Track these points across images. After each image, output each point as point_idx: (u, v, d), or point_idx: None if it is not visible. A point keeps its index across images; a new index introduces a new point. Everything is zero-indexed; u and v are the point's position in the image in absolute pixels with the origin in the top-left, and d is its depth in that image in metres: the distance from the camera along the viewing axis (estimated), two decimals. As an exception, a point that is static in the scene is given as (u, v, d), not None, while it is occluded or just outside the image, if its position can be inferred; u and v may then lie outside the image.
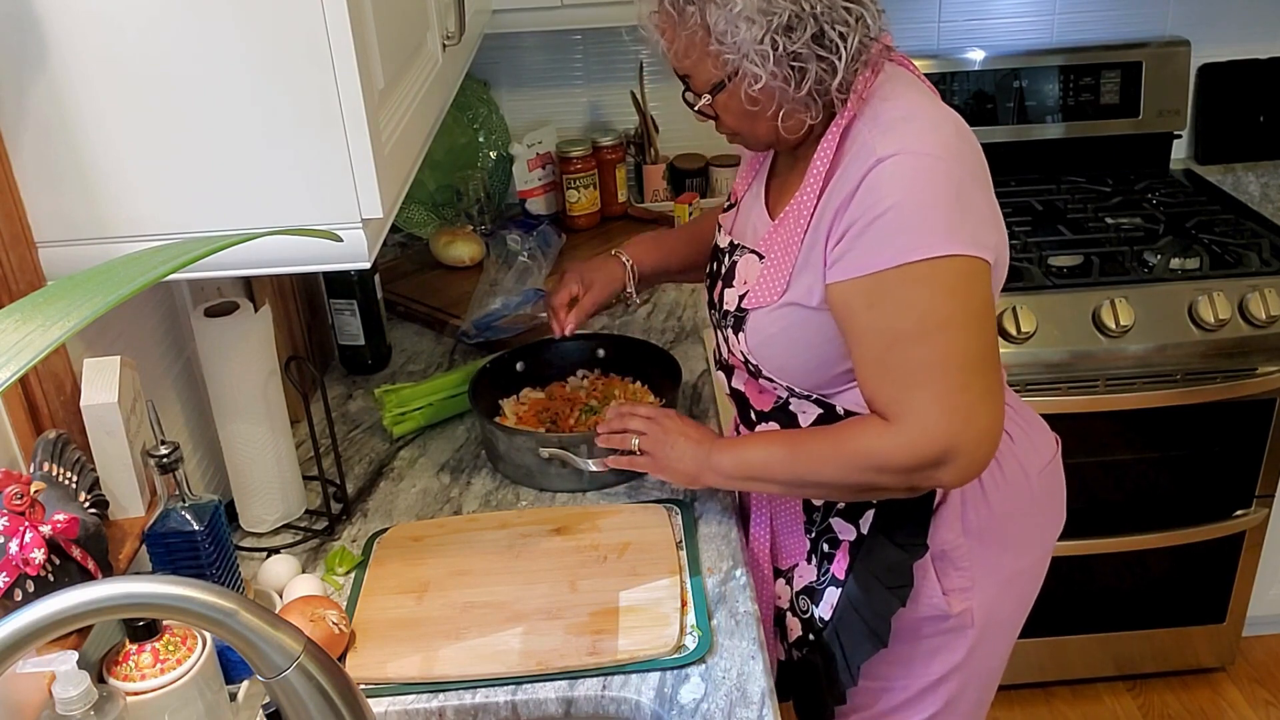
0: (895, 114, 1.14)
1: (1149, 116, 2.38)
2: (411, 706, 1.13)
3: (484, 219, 2.26)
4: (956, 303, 1.10)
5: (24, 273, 1.00)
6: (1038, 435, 1.36)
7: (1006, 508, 1.30)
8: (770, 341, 1.24)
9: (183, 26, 0.92)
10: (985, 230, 1.11)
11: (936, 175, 1.09)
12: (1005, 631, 1.39)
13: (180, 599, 0.71)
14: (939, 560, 1.29)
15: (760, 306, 1.23)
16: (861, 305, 1.12)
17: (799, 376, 1.25)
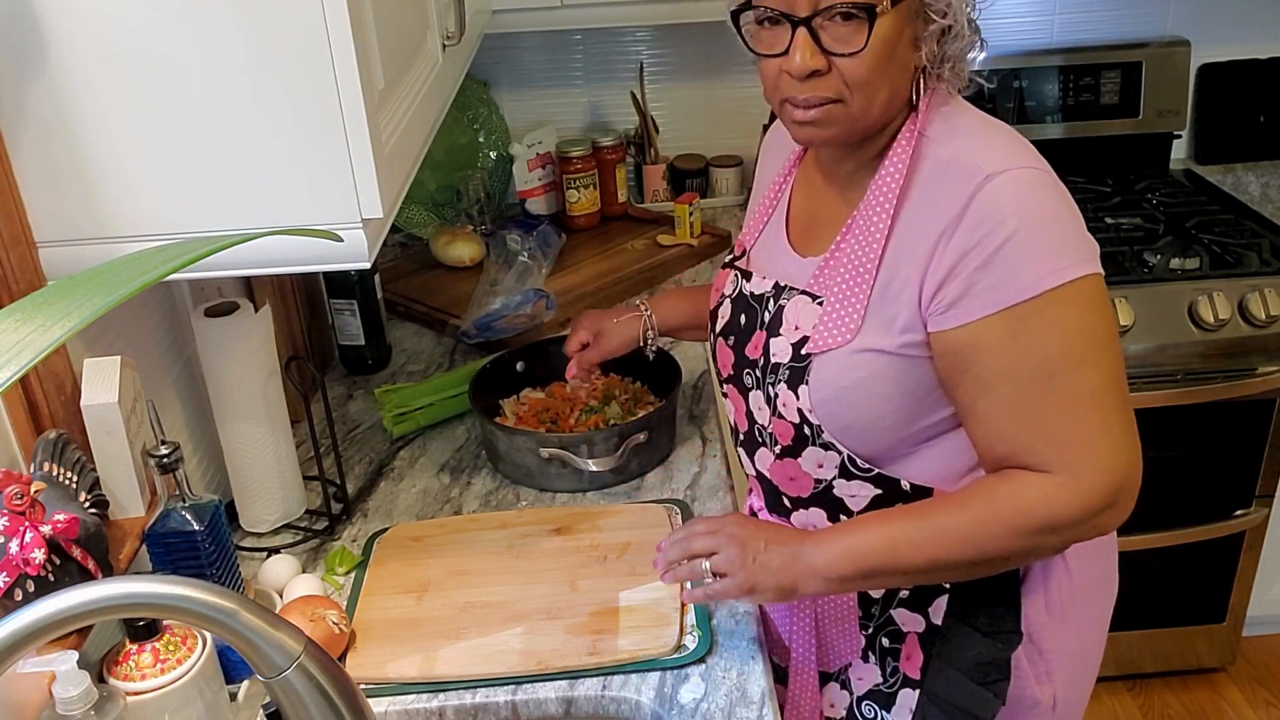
0: (968, 124, 1.05)
1: (1149, 116, 2.38)
2: (411, 706, 1.13)
3: (484, 219, 2.26)
4: (1101, 321, 0.99)
5: (24, 273, 1.00)
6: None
7: (1088, 576, 1.17)
8: (841, 395, 1.07)
9: (183, 26, 0.92)
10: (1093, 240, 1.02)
11: (1052, 189, 1.00)
12: (1077, 709, 1.25)
13: (180, 599, 0.71)
14: (1025, 644, 1.14)
15: (828, 350, 1.06)
16: (999, 344, 0.98)
17: (868, 439, 1.09)
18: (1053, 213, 0.99)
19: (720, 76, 2.39)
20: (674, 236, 2.17)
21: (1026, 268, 0.97)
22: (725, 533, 1.10)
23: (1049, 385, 0.98)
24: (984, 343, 0.99)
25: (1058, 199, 1.00)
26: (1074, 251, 0.98)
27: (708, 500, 1.42)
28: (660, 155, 2.38)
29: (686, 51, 2.37)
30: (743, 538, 1.09)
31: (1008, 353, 0.99)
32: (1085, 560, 1.16)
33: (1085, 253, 0.99)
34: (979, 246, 0.97)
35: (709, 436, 1.56)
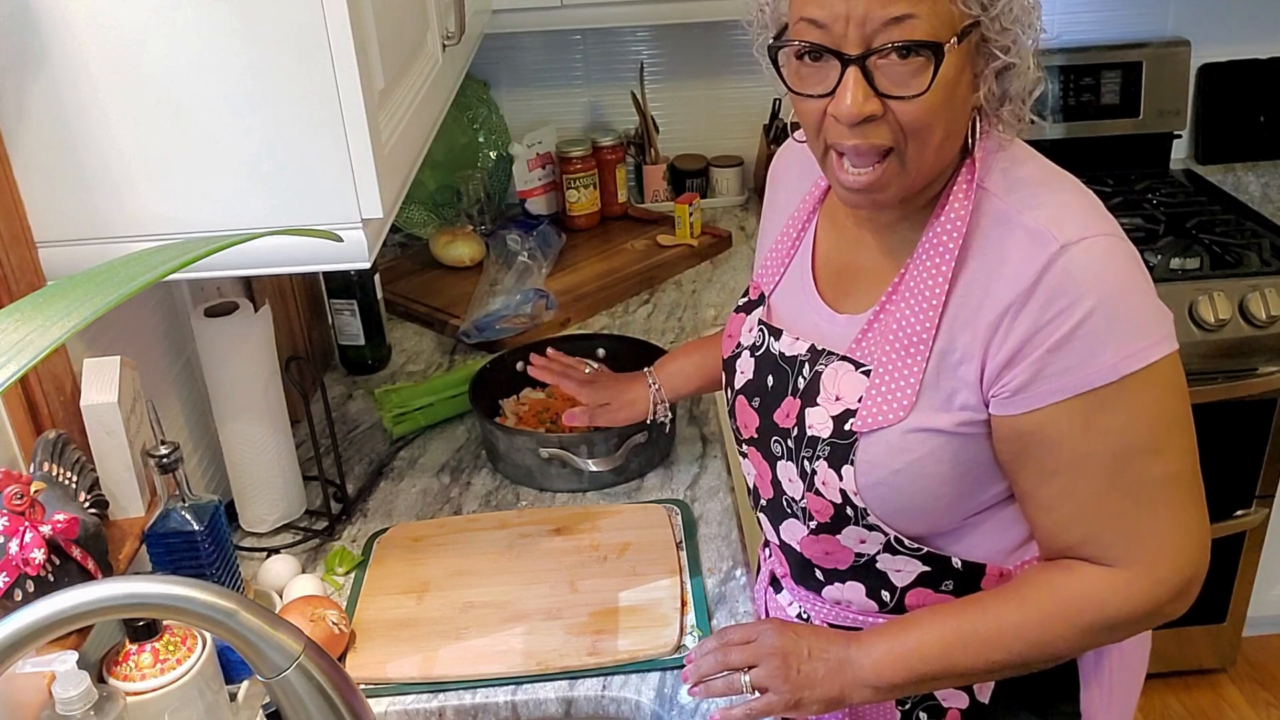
0: (1030, 175, 0.95)
1: (1149, 116, 2.38)
2: (411, 706, 1.13)
3: (484, 219, 2.26)
4: (1181, 402, 0.92)
5: (24, 273, 1.00)
6: None
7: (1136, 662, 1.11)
8: (892, 478, 0.97)
9: (183, 27, 0.92)
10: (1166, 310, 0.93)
11: (1130, 260, 0.91)
12: None
13: (180, 599, 0.71)
14: None
15: (878, 429, 0.96)
16: (1071, 431, 0.90)
17: (918, 520, 1.00)
18: (1133, 287, 0.90)
19: (720, 76, 2.39)
20: (674, 236, 2.17)
21: (1106, 350, 0.88)
22: (764, 642, 1.00)
23: (1123, 475, 0.91)
24: (1055, 429, 0.91)
25: (1135, 270, 0.91)
26: (1154, 330, 0.89)
27: (708, 501, 1.42)
28: (660, 155, 2.38)
29: (686, 51, 2.37)
30: (784, 649, 0.99)
31: (1080, 440, 0.90)
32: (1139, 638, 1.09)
33: (1165, 329, 0.90)
34: (1052, 325, 0.88)
35: (709, 437, 1.56)
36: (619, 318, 1.94)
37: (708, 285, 2.04)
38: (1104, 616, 0.93)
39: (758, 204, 2.39)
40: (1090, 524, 0.93)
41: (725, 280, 2.06)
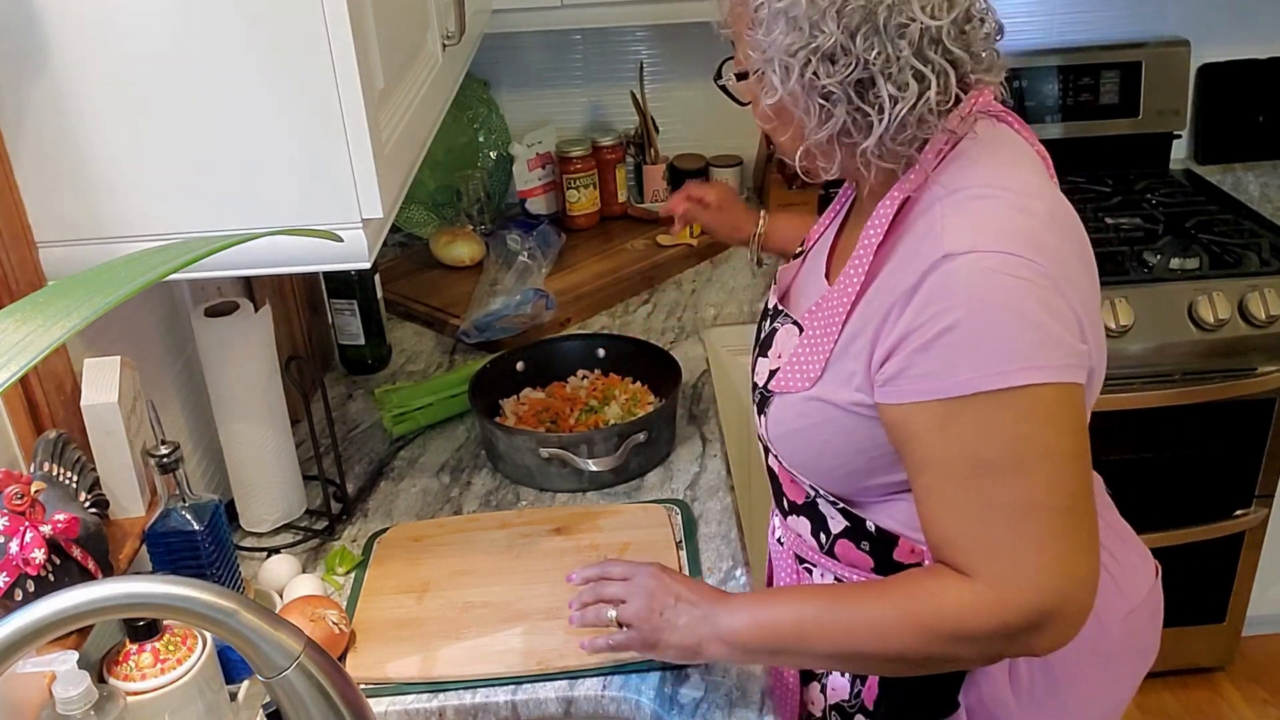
0: (975, 188, 0.94)
1: (1149, 116, 2.38)
2: (411, 706, 1.13)
3: (484, 219, 2.26)
4: (1053, 432, 0.89)
5: (24, 273, 1.00)
6: (1129, 573, 1.14)
7: (1070, 666, 1.08)
8: (793, 436, 1.06)
9: (183, 27, 0.93)
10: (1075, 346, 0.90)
11: (1016, 281, 0.88)
12: None
13: (180, 599, 0.71)
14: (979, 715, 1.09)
15: (786, 392, 1.05)
16: (928, 433, 0.92)
17: (822, 480, 1.07)
18: (1007, 310, 0.88)
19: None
20: (674, 236, 2.17)
21: (964, 364, 0.88)
22: (637, 582, 1.06)
23: (977, 487, 0.90)
24: (916, 426, 0.93)
25: (1020, 295, 0.88)
26: (1024, 357, 0.87)
27: (708, 500, 1.42)
28: (660, 155, 2.38)
29: (686, 51, 2.37)
30: (653, 590, 1.05)
31: (937, 443, 0.92)
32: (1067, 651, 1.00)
33: (1043, 360, 0.88)
34: (922, 328, 0.90)
35: (709, 436, 1.56)
36: (619, 318, 1.95)
37: (707, 285, 2.05)
38: (947, 625, 0.93)
39: (757, 204, 2.39)
40: (949, 527, 0.93)
41: (725, 280, 2.06)
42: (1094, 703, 1.13)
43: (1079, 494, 0.91)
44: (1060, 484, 0.90)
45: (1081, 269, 0.96)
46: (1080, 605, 0.92)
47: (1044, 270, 0.89)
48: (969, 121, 0.97)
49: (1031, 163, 1.02)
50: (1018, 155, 1.00)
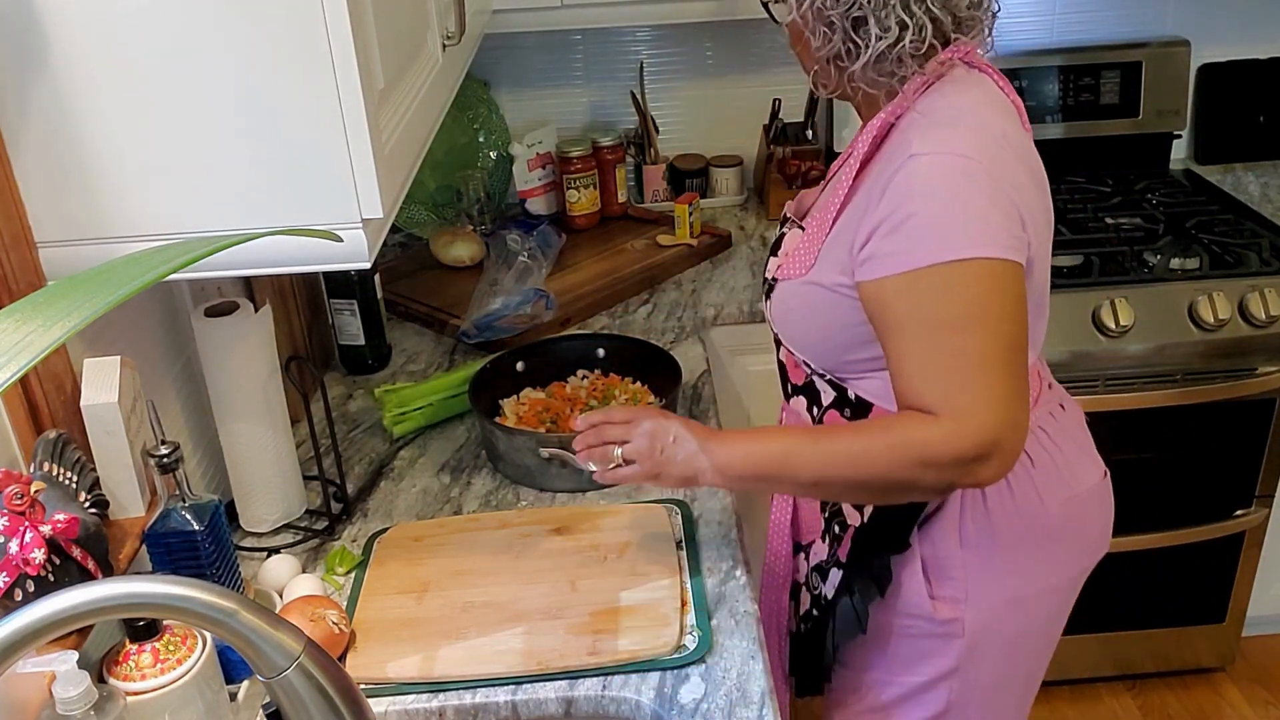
0: (944, 114, 1.14)
1: (1149, 116, 2.38)
2: (411, 706, 1.13)
3: (484, 219, 2.26)
4: (993, 297, 1.08)
5: (24, 273, 1.00)
6: (1073, 464, 1.31)
7: (1013, 531, 1.26)
8: (790, 315, 1.27)
9: (183, 26, 0.92)
10: (1016, 232, 1.10)
11: (967, 177, 1.08)
12: (1011, 651, 1.34)
13: (180, 599, 0.71)
14: (931, 564, 1.28)
15: (787, 279, 1.25)
16: (897, 300, 1.11)
17: (814, 354, 1.27)
18: (958, 198, 1.08)
19: (720, 76, 2.39)
20: (674, 236, 2.17)
21: (922, 244, 1.08)
22: (638, 423, 1.22)
23: (937, 341, 1.09)
24: (884, 298, 1.12)
25: (970, 186, 1.08)
26: (971, 236, 1.07)
27: (708, 500, 1.42)
28: (660, 155, 2.38)
29: (686, 51, 2.37)
30: (653, 431, 1.21)
31: (904, 308, 1.11)
32: (1010, 514, 1.26)
33: (988, 239, 1.07)
34: (891, 217, 1.10)
35: (709, 436, 1.56)
36: (619, 318, 1.95)
37: (707, 285, 2.05)
38: (914, 450, 1.10)
39: (757, 203, 2.39)
40: (915, 378, 1.11)
41: (725, 280, 2.06)
42: (1035, 574, 1.30)
43: (1016, 352, 1.10)
44: (1003, 340, 1.09)
45: (1033, 187, 1.15)
46: (1015, 442, 1.10)
47: (990, 170, 1.09)
48: (945, 66, 1.16)
49: (1000, 104, 1.19)
50: (988, 97, 1.18)
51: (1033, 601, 1.32)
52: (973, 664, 1.32)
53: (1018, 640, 1.35)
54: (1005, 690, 1.39)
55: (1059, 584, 1.34)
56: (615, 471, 1.23)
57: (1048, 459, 1.27)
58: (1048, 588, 1.33)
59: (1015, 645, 1.35)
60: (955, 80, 1.16)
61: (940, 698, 1.34)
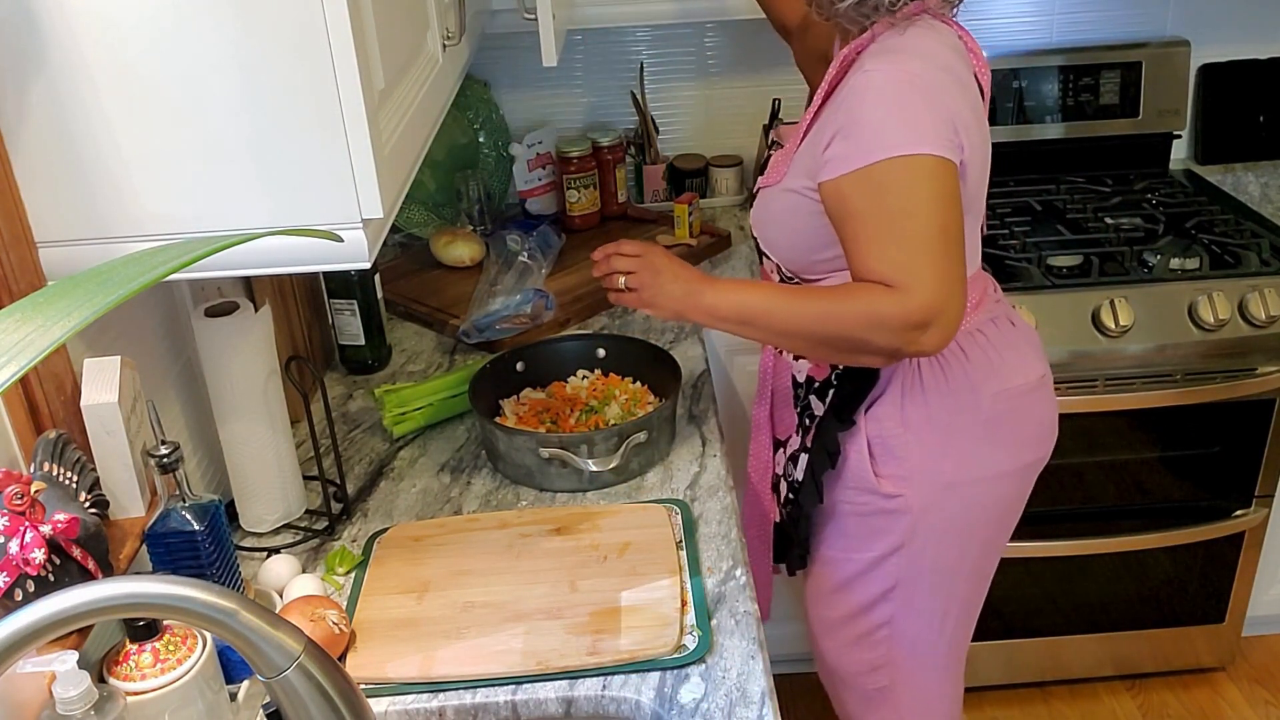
0: (898, 45, 1.31)
1: (1149, 116, 2.38)
2: (411, 706, 1.13)
3: (484, 219, 2.26)
4: (934, 188, 1.24)
5: (24, 273, 1.00)
6: (1009, 360, 1.44)
7: (947, 418, 1.42)
8: (765, 219, 1.44)
9: (183, 27, 0.93)
10: (949, 136, 1.26)
11: (908, 87, 1.27)
12: (953, 534, 1.48)
13: (180, 599, 0.71)
14: (876, 442, 1.44)
15: (766, 187, 1.43)
16: (852, 194, 1.27)
17: (785, 255, 1.44)
18: (900, 104, 1.26)
19: (720, 76, 2.39)
20: (674, 236, 2.17)
21: (870, 144, 1.25)
22: (645, 258, 1.40)
23: (888, 224, 1.25)
24: (843, 192, 1.27)
25: (910, 95, 1.26)
26: (910, 136, 1.24)
27: (708, 500, 1.42)
28: (660, 155, 2.38)
29: (686, 51, 2.37)
30: (657, 266, 1.39)
31: (858, 200, 1.27)
32: (945, 401, 1.41)
33: (926, 139, 1.24)
34: (845, 123, 1.28)
35: (709, 436, 1.56)
36: (619, 318, 1.94)
37: (707, 285, 2.04)
38: (870, 311, 1.25)
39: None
40: (870, 258, 1.26)
41: (725, 280, 2.05)
42: (972, 461, 1.45)
43: (954, 236, 1.25)
44: (942, 225, 1.24)
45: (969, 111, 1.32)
46: (953, 313, 1.25)
47: (929, 83, 1.28)
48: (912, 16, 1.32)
49: (954, 48, 1.35)
50: (944, 41, 1.35)
51: (972, 488, 1.46)
52: (917, 541, 1.47)
53: (960, 524, 1.48)
54: (952, 576, 1.52)
55: (998, 474, 1.47)
56: (619, 294, 1.42)
57: (982, 355, 1.43)
58: (986, 476, 1.46)
59: (958, 529, 1.48)
60: (918, 25, 1.33)
61: (890, 574, 1.50)
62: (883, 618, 1.54)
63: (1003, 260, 2.09)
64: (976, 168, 1.34)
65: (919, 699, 1.61)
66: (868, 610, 1.54)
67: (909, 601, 1.52)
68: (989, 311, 1.46)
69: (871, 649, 1.57)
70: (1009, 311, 1.51)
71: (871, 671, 1.59)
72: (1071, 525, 2.17)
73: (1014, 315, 1.51)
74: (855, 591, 1.54)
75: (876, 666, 1.58)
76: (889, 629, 1.54)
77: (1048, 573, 2.21)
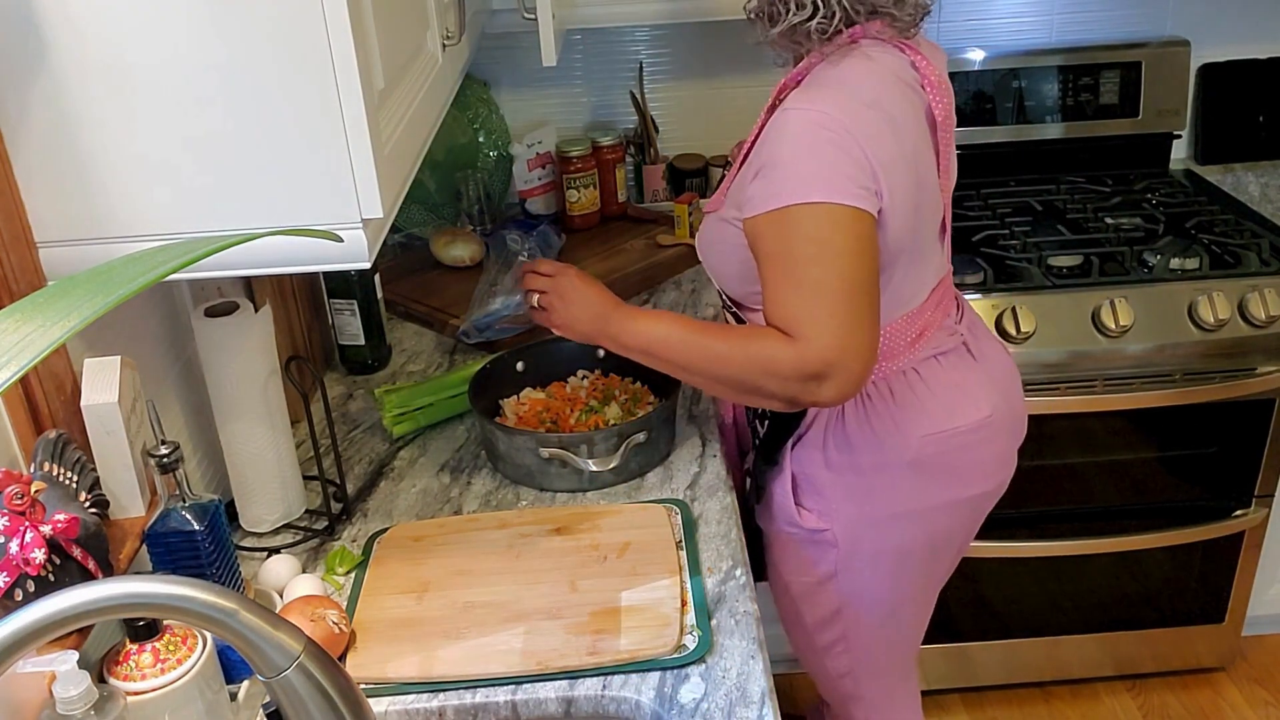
0: (824, 79, 1.29)
1: (1149, 116, 2.38)
2: (411, 706, 1.13)
3: (484, 219, 2.26)
4: (842, 238, 1.22)
5: (24, 273, 1.00)
6: (945, 402, 1.42)
7: (872, 458, 1.41)
8: (707, 246, 1.45)
9: (183, 27, 0.93)
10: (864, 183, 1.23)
11: (822, 129, 1.23)
12: (888, 566, 1.49)
13: (180, 599, 0.71)
14: (800, 480, 1.47)
15: (709, 212, 1.45)
16: (764, 235, 1.27)
17: (725, 283, 1.45)
18: (811, 149, 1.23)
19: (720, 76, 2.39)
20: (674, 236, 2.17)
21: (781, 188, 1.23)
22: (557, 280, 1.44)
23: (791, 271, 1.24)
24: (758, 231, 1.27)
25: (823, 139, 1.23)
26: (819, 183, 1.22)
27: (708, 500, 1.42)
28: (660, 155, 2.38)
29: (686, 51, 2.37)
30: (565, 291, 1.43)
31: (768, 243, 1.26)
32: (869, 443, 1.41)
33: (833, 186, 1.22)
34: (763, 165, 1.26)
35: (709, 436, 1.56)
36: (619, 318, 1.94)
37: (706, 285, 2.04)
38: (763, 358, 1.25)
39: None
40: (776, 303, 1.26)
41: (725, 280, 2.06)
42: (896, 499, 1.44)
43: (862, 288, 1.23)
44: (848, 277, 1.22)
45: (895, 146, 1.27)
46: (853, 369, 1.23)
47: (846, 126, 1.23)
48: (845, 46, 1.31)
49: (890, 76, 1.31)
50: (879, 70, 1.31)
51: (900, 521, 1.45)
52: (851, 572, 1.49)
53: (892, 556, 1.49)
54: (892, 604, 1.55)
55: (928, 508, 1.46)
56: (533, 311, 1.48)
57: (911, 396, 1.41)
58: (916, 510, 1.45)
59: (890, 560, 1.49)
60: (855, 53, 1.31)
61: (831, 598, 1.53)
62: (836, 635, 1.58)
63: (1003, 260, 2.09)
64: (904, 211, 1.29)
65: (884, 702, 1.67)
66: (821, 628, 1.58)
67: (857, 622, 1.55)
68: (933, 346, 1.42)
69: (834, 659, 1.62)
70: (976, 341, 1.48)
71: (839, 678, 1.64)
72: (1071, 525, 2.17)
73: (981, 344, 1.48)
74: (807, 610, 1.58)
75: (842, 674, 1.63)
76: (845, 644, 1.58)
77: (1048, 573, 2.21)
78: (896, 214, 1.27)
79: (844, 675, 1.63)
